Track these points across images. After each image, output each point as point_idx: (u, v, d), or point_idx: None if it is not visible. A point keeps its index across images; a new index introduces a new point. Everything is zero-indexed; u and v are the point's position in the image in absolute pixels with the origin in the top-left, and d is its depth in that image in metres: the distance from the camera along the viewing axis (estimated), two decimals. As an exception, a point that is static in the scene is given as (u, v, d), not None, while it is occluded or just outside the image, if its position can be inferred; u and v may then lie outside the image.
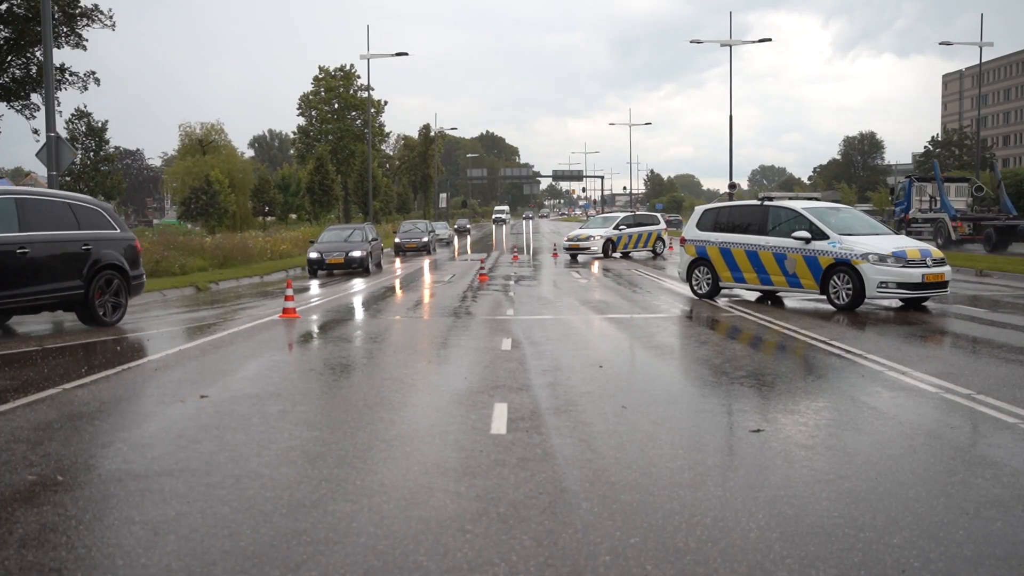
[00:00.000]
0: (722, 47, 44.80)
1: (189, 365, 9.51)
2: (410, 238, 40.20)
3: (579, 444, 5.96)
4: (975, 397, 7.30)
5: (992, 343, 10.70)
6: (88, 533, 4.35)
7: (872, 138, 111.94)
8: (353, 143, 72.25)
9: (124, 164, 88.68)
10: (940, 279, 13.73)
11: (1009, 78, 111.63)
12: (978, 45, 44.96)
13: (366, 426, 6.54)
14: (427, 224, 46.16)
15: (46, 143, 17.22)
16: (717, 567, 3.87)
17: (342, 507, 4.68)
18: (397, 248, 39.54)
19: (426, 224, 45.62)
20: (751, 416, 6.79)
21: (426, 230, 42.26)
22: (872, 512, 4.56)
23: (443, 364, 9.58)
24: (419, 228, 42.36)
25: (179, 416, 6.93)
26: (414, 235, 40.68)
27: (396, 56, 43.06)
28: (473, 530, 4.33)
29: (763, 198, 16.14)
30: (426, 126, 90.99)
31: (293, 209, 64.19)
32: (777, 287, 15.17)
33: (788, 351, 10.30)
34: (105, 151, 47.94)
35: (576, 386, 8.03)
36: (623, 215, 36.03)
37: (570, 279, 22.74)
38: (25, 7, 33.70)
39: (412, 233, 41.11)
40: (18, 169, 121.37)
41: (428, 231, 42.49)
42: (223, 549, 4.10)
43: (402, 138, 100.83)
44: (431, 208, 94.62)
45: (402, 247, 39.49)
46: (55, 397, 7.68)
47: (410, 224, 44.43)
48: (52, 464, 5.59)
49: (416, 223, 45.01)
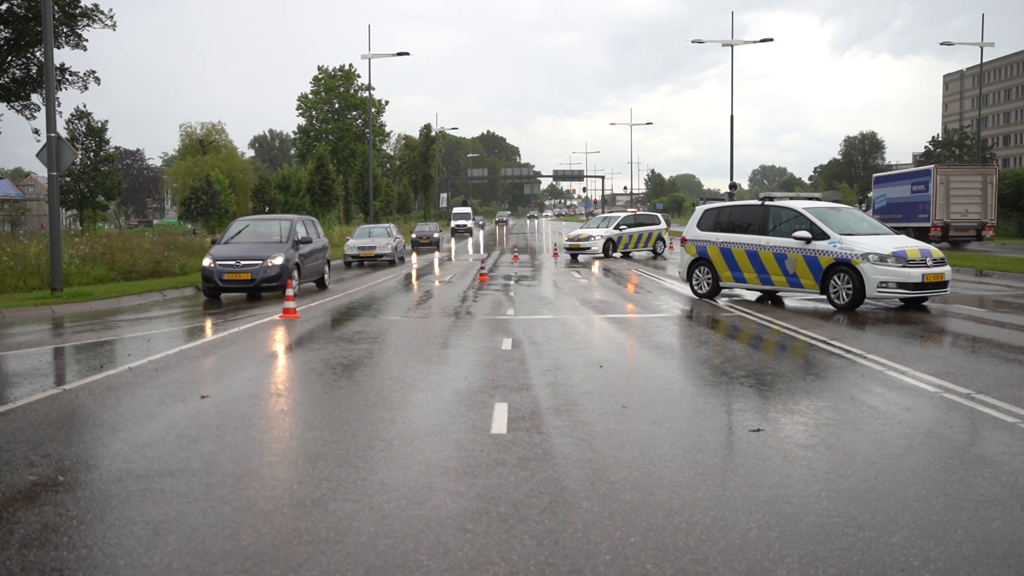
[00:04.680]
0: (724, 47, 44.78)
1: (190, 365, 9.52)
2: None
3: (579, 444, 5.97)
4: (974, 397, 7.30)
5: (992, 343, 10.70)
6: (89, 533, 4.36)
7: (873, 138, 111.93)
8: (354, 143, 72.30)
9: (124, 164, 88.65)
10: (940, 279, 13.74)
11: (1009, 78, 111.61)
12: (979, 45, 44.97)
13: (367, 426, 6.55)
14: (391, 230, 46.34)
15: (46, 143, 17.23)
16: (717, 566, 3.88)
17: (343, 506, 4.69)
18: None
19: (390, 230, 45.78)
20: (751, 416, 6.80)
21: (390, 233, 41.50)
22: (871, 511, 4.57)
23: (443, 364, 9.59)
24: None
25: (180, 416, 6.94)
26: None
27: (397, 56, 43.10)
28: (474, 529, 4.34)
29: (764, 198, 16.14)
30: (427, 126, 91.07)
31: (293, 209, 64.23)
32: (777, 287, 15.18)
33: (788, 351, 10.30)
34: (105, 151, 47.98)
35: (576, 386, 8.04)
36: (623, 215, 36.03)
37: (570, 279, 22.75)
38: (25, 7, 33.72)
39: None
40: (18, 169, 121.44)
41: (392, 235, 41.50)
42: (224, 548, 4.11)
43: (403, 138, 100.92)
44: (431, 208, 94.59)
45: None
46: (56, 397, 7.69)
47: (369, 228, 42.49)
48: (53, 464, 5.60)
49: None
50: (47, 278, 18.17)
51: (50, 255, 17.58)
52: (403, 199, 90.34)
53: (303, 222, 19.98)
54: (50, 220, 18.30)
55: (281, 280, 17.43)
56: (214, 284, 17.41)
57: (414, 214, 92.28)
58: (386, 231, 33.26)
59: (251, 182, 62.30)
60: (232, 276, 17.32)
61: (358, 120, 74.03)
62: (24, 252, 20.52)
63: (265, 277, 17.35)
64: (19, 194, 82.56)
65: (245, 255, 17.63)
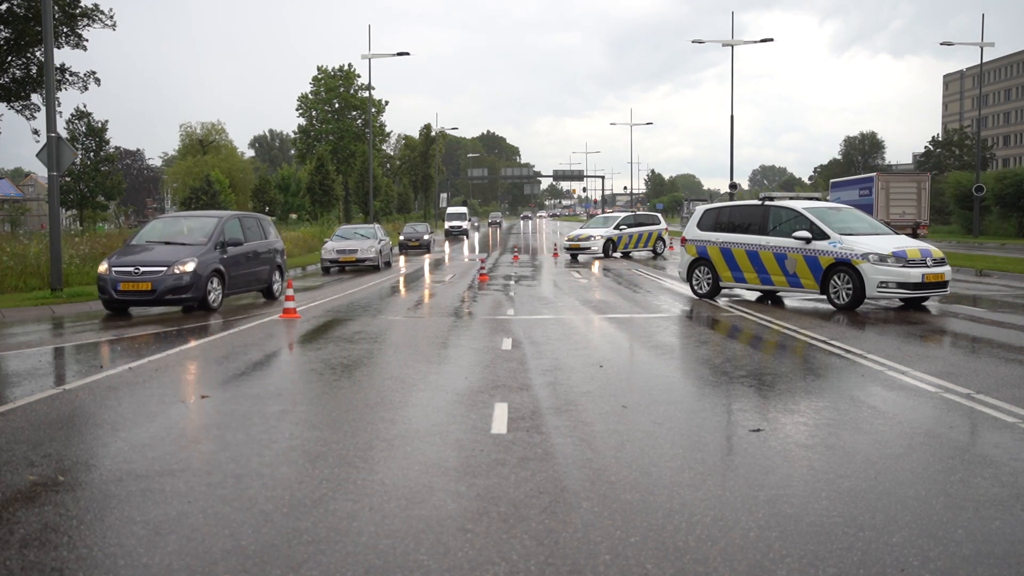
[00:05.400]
0: (723, 47, 44.77)
1: (190, 365, 9.53)
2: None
3: (579, 443, 5.97)
4: (974, 396, 7.30)
5: (992, 343, 10.71)
6: (89, 533, 4.36)
7: (873, 138, 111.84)
8: (354, 143, 72.29)
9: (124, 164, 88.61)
10: (940, 279, 13.74)
11: (1009, 78, 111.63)
12: (979, 45, 44.94)
13: (367, 426, 6.55)
14: (376, 231, 45.24)
15: (47, 144, 17.23)
16: (717, 566, 3.88)
17: (343, 506, 4.69)
18: None
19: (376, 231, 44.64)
20: (751, 415, 6.80)
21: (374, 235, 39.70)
22: (871, 511, 4.57)
23: (444, 364, 9.59)
24: None
25: (180, 416, 6.94)
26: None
27: (397, 56, 43.08)
28: (474, 529, 4.34)
29: (764, 198, 16.14)
30: (427, 126, 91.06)
31: (293, 209, 64.25)
32: (777, 287, 15.18)
33: (788, 351, 10.30)
34: (105, 151, 47.99)
35: (576, 386, 8.04)
36: (623, 215, 36.02)
37: (570, 279, 22.75)
38: (25, 7, 33.73)
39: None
40: (18, 169, 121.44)
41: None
42: (224, 548, 4.11)
43: (403, 138, 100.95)
44: (432, 208, 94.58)
45: None
46: (56, 397, 7.70)
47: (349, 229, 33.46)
48: (53, 464, 5.60)
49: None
50: (47, 278, 18.17)
51: (50, 255, 17.58)
52: (403, 199, 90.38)
53: (238, 220, 16.69)
54: (50, 220, 18.31)
55: (195, 292, 14.33)
56: (108, 296, 14.30)
57: (414, 214, 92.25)
58: (370, 232, 30.05)
59: (251, 182, 62.38)
60: (128, 286, 14.08)
61: (358, 120, 74.01)
62: (24, 252, 20.52)
63: (170, 288, 14.10)
64: (19, 194, 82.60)
65: (148, 260, 14.37)
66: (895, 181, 39.92)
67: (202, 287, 14.52)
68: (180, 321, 13.92)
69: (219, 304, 15.13)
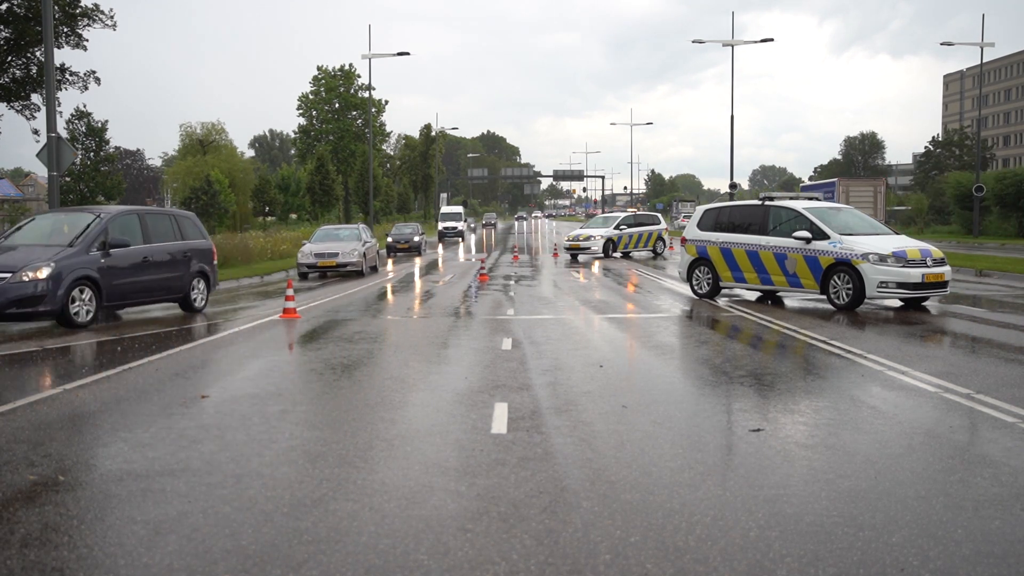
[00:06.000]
0: (723, 47, 44.76)
1: (190, 365, 9.53)
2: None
3: (579, 443, 5.98)
4: (974, 396, 7.31)
5: (992, 343, 10.71)
6: (90, 533, 4.36)
7: (873, 138, 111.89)
8: (354, 143, 72.27)
9: (124, 164, 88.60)
10: (940, 279, 13.75)
11: (1010, 78, 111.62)
12: (979, 45, 44.94)
13: (367, 426, 6.56)
14: (361, 232, 43.63)
15: (47, 144, 17.23)
16: (717, 566, 3.88)
17: (343, 506, 4.69)
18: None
19: (360, 232, 43.01)
20: (751, 415, 6.80)
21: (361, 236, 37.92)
22: (871, 511, 4.57)
23: (443, 364, 9.59)
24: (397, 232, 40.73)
25: (180, 416, 6.94)
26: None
27: (397, 56, 43.07)
28: (474, 529, 4.34)
29: (764, 198, 16.14)
30: (427, 126, 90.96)
31: (293, 209, 64.20)
32: (777, 287, 15.18)
33: (788, 351, 10.31)
34: (105, 151, 47.95)
35: (576, 385, 8.04)
36: (623, 215, 36.03)
37: (570, 279, 22.75)
38: (25, 7, 33.72)
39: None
40: (18, 169, 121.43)
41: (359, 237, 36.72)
42: (224, 548, 4.11)
43: (403, 138, 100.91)
44: (432, 208, 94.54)
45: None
46: (56, 397, 7.70)
47: None
48: (53, 464, 5.60)
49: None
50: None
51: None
52: (403, 199, 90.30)
53: (136, 217, 14.03)
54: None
55: (50, 304, 11.77)
56: None
57: (414, 214, 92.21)
58: (353, 233, 27.32)
59: (251, 182, 62.27)
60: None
61: (358, 120, 73.99)
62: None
63: (13, 299, 11.53)
64: (19, 194, 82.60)
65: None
66: (854, 185, 44.96)
67: (60, 298, 11.87)
68: (179, 321, 13.92)
69: (91, 320, 12.38)
